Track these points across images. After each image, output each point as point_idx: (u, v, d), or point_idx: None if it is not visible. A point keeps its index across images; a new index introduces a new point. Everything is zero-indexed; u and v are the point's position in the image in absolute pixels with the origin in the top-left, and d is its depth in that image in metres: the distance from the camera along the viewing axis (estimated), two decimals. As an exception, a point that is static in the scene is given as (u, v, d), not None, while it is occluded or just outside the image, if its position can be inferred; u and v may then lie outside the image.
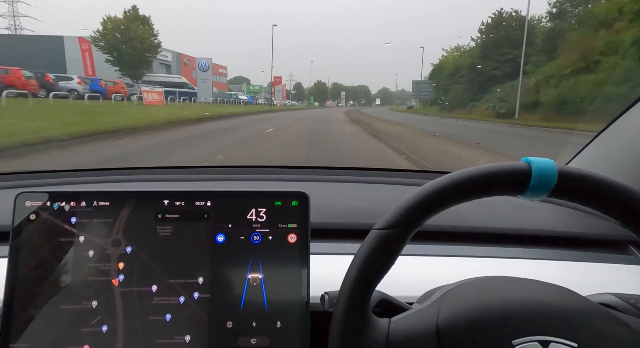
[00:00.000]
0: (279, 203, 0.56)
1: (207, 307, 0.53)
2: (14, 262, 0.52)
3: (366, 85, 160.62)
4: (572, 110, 14.96)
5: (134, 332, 0.52)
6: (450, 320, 0.45)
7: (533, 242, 0.81)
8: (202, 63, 34.36)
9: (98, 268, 0.53)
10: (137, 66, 28.01)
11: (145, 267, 0.53)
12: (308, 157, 6.56)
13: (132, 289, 0.53)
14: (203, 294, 0.53)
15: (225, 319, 0.53)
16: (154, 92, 20.09)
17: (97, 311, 0.52)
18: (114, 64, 27.74)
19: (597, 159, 0.96)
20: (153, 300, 0.53)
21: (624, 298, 0.51)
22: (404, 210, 0.44)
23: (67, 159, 5.92)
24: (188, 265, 0.54)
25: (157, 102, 19.64)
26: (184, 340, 0.52)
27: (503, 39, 27.87)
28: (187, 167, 1.24)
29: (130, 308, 0.52)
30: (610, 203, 0.43)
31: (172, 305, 0.53)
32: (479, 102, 27.22)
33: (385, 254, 0.44)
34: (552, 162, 0.42)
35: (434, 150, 8.41)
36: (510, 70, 26.92)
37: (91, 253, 0.53)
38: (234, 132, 11.32)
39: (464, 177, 0.43)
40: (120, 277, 0.53)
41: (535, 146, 9.81)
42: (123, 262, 0.53)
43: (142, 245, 0.54)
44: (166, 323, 0.52)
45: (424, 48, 63.94)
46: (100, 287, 0.53)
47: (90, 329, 0.52)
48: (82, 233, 0.54)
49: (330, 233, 0.79)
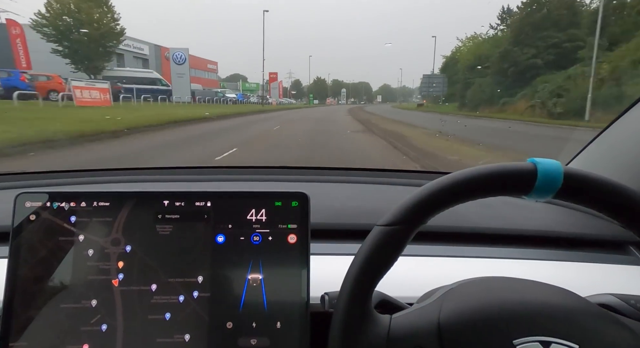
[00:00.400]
0: (279, 204, 0.56)
1: (207, 306, 0.53)
2: (14, 262, 0.52)
3: (367, 82, 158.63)
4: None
5: (134, 331, 0.52)
6: (452, 317, 0.45)
7: (533, 242, 0.81)
8: (177, 55, 28.48)
9: (98, 268, 0.53)
10: (93, 58, 22.81)
11: (144, 266, 0.53)
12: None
13: (131, 288, 0.53)
14: (203, 293, 0.53)
15: (225, 320, 0.53)
16: (93, 88, 15.09)
17: (96, 310, 0.52)
18: (65, 55, 22.56)
19: (598, 159, 0.96)
20: (152, 299, 0.53)
21: (624, 299, 0.51)
22: (409, 207, 0.44)
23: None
24: (188, 265, 0.54)
25: (97, 103, 14.67)
26: (184, 338, 0.52)
27: (545, 20, 22.63)
28: (187, 167, 1.25)
29: (129, 307, 0.53)
30: (616, 207, 0.42)
31: (172, 304, 0.53)
32: (514, 98, 22.14)
33: (389, 250, 0.44)
34: (558, 164, 0.42)
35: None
36: (554, 58, 21.74)
37: (91, 253, 0.53)
38: (164, 157, 6.49)
39: (470, 176, 0.43)
40: (119, 276, 0.53)
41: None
42: (123, 261, 0.53)
43: (141, 245, 0.54)
44: (166, 322, 0.53)
45: (435, 38, 57.93)
46: (100, 286, 0.53)
47: (89, 328, 0.52)
48: (82, 233, 0.54)
49: (330, 233, 0.79)
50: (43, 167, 4.78)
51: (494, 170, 0.43)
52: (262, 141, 9.36)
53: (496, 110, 22.97)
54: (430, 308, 0.47)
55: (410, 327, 0.45)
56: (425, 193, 0.44)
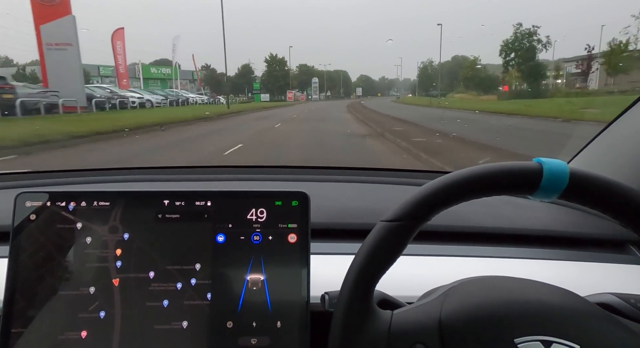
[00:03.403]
0: (279, 203, 0.56)
1: (205, 294, 0.54)
2: (14, 261, 0.52)
3: (345, 70, 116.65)
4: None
5: (132, 318, 0.53)
6: (453, 315, 0.45)
7: (533, 242, 0.81)
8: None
9: (96, 255, 0.54)
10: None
11: (142, 254, 0.54)
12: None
13: (129, 275, 0.53)
14: (200, 280, 0.54)
15: (226, 319, 0.53)
16: None
17: (94, 297, 0.53)
18: None
19: (598, 158, 0.96)
20: (150, 287, 0.53)
21: (624, 298, 0.51)
22: (413, 203, 0.44)
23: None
24: (185, 253, 0.54)
25: None
26: (181, 325, 0.53)
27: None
28: (187, 167, 1.25)
29: (127, 295, 0.53)
30: (622, 209, 0.42)
31: (170, 292, 0.53)
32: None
33: (392, 246, 0.44)
34: (564, 164, 0.42)
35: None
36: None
37: (89, 240, 0.54)
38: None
39: (475, 174, 0.43)
40: (117, 263, 0.54)
41: None
42: (120, 248, 0.54)
43: (140, 234, 0.54)
44: (163, 309, 0.53)
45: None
46: (98, 274, 0.53)
47: (87, 315, 0.52)
48: (82, 234, 0.54)
49: (330, 233, 0.79)
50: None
51: (499, 169, 0.43)
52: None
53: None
54: (431, 305, 0.47)
55: (412, 324, 0.45)
56: (430, 191, 0.44)
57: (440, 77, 62.41)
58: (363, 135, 10.92)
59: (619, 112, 0.89)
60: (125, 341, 0.52)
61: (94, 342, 0.52)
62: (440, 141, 9.21)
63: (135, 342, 0.52)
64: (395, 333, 0.44)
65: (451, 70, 65.67)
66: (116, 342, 0.52)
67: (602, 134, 0.94)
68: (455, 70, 61.00)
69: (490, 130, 12.23)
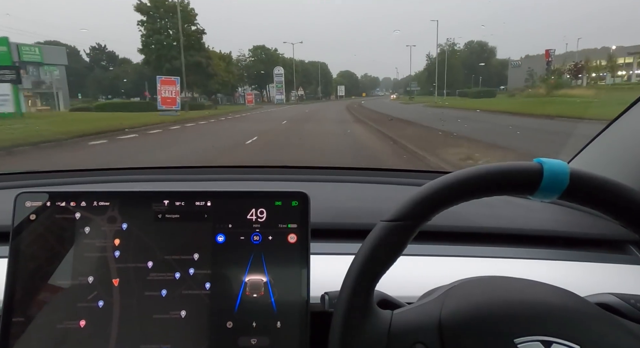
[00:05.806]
0: (279, 204, 0.56)
1: (203, 284, 0.54)
2: (14, 262, 0.52)
3: (324, 62, 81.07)
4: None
5: (130, 307, 0.53)
6: (453, 314, 0.45)
7: (533, 242, 0.81)
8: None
9: (94, 245, 0.54)
10: None
11: (141, 244, 0.54)
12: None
13: (127, 265, 0.53)
14: (198, 270, 0.54)
15: (225, 319, 0.53)
16: None
17: (93, 286, 0.53)
18: None
19: (598, 158, 0.96)
20: (149, 276, 0.53)
21: (624, 299, 0.51)
22: (414, 203, 0.44)
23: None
24: (184, 243, 0.55)
25: None
26: (180, 315, 0.53)
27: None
28: (187, 167, 1.26)
29: (126, 284, 0.53)
30: (622, 209, 0.42)
31: (168, 281, 0.54)
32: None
33: (392, 246, 0.44)
34: (565, 164, 0.42)
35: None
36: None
37: (89, 242, 0.54)
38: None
39: (476, 174, 0.43)
40: (116, 253, 0.54)
41: None
42: (119, 238, 0.54)
43: (138, 224, 0.55)
44: (162, 299, 0.53)
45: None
46: (97, 263, 0.53)
47: (86, 304, 0.52)
48: (83, 233, 0.54)
49: (330, 233, 0.79)
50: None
51: (499, 170, 0.43)
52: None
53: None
54: (431, 305, 0.47)
55: (412, 323, 0.45)
56: (430, 190, 0.44)
57: (450, 70, 49.69)
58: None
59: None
60: (123, 330, 0.52)
61: (92, 331, 0.52)
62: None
63: (133, 331, 0.52)
64: (395, 333, 0.44)
65: (465, 61, 52.83)
66: (115, 331, 0.52)
67: (602, 133, 0.94)
68: (472, 60, 51.41)
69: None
